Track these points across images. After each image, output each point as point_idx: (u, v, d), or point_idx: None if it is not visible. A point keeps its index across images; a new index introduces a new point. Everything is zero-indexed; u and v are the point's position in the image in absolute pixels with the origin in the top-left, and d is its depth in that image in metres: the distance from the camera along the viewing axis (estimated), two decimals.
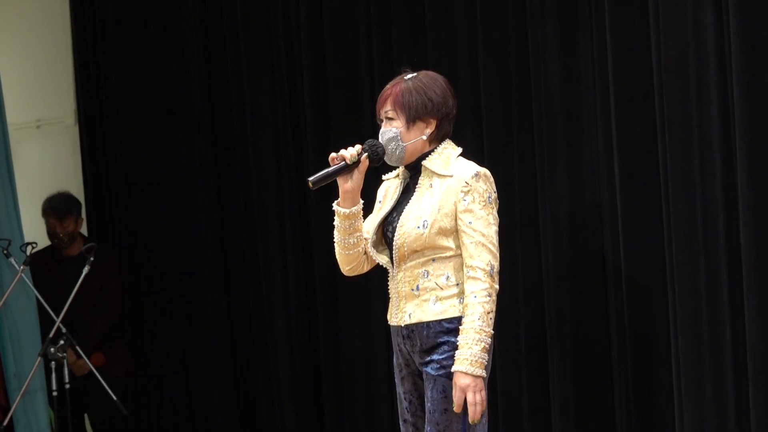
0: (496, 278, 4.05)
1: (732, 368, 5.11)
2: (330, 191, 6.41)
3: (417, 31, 6.16)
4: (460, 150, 4.20)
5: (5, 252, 6.25)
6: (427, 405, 4.10)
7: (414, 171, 4.20)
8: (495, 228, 4.07)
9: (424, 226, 4.07)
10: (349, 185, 4.10)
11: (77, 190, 7.65)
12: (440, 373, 4.06)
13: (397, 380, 4.27)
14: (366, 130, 6.26)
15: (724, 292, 5.11)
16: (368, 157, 4.11)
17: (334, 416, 6.67)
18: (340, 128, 6.48)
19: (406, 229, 4.10)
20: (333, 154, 4.08)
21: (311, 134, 6.63)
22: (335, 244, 4.19)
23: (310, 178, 4.05)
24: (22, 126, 7.67)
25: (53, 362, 6.33)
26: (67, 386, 6.39)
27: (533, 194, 5.73)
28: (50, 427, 6.48)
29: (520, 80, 5.77)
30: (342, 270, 4.29)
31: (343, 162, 4.07)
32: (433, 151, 4.17)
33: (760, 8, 4.99)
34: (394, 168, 4.27)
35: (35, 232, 6.93)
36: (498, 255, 4.06)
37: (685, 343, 5.20)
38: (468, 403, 3.98)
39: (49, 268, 6.89)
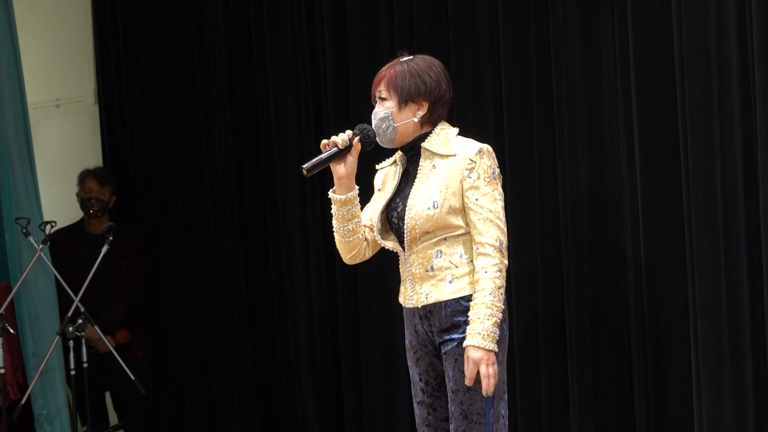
0: (506, 253, 4.10)
1: (751, 354, 5.08)
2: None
3: (438, 14, 6.13)
4: (457, 129, 4.24)
5: (24, 231, 6.26)
6: (449, 384, 4.13)
7: (411, 154, 4.23)
8: (501, 204, 4.13)
9: (434, 206, 4.09)
10: (343, 171, 4.13)
11: None
12: (461, 352, 4.09)
13: (411, 362, 4.29)
14: None
15: (744, 276, 5.08)
16: (360, 140, 4.15)
17: (353, 397, 6.68)
18: (361, 112, 6.45)
19: (416, 211, 4.12)
20: (324, 141, 4.12)
21: (333, 117, 6.61)
22: (335, 233, 4.22)
23: (304, 165, 4.09)
24: (42, 105, 7.68)
25: (71, 341, 6.34)
26: (85, 365, 6.41)
27: (553, 179, 5.71)
28: (68, 406, 6.50)
29: (541, 64, 5.75)
30: (343, 258, 4.31)
31: (335, 148, 4.10)
32: (430, 133, 4.20)
33: None
34: (390, 155, 4.30)
35: (54, 210, 6.94)
36: (505, 230, 4.11)
37: (704, 327, 5.17)
38: (481, 376, 4.02)
39: (73, 246, 6.91)
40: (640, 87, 5.39)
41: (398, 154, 4.30)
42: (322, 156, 4.11)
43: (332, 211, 4.19)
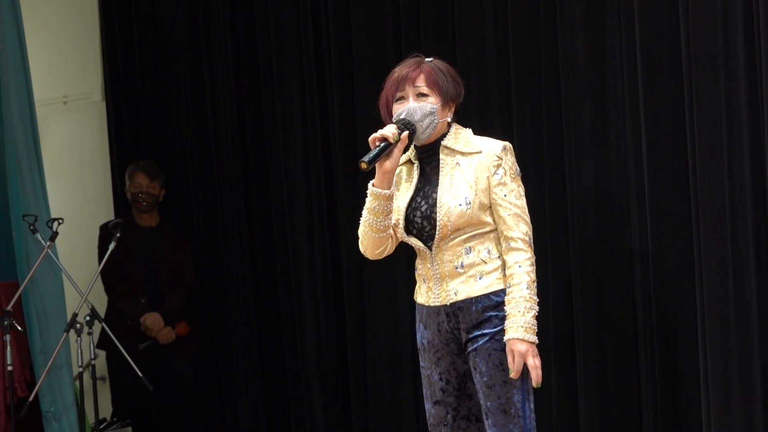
0: (533, 248, 4.14)
1: (759, 351, 5.09)
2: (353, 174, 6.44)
3: (444, 14, 6.14)
4: (470, 129, 4.25)
5: (32, 228, 6.27)
6: (483, 380, 4.12)
7: (429, 154, 4.22)
8: (524, 199, 4.16)
9: (466, 203, 4.10)
10: (389, 165, 4.09)
11: (104, 167, 7.67)
12: (495, 346, 4.10)
13: (427, 362, 4.27)
14: None
15: (752, 274, 5.08)
16: (408, 134, 4.10)
17: (360, 398, 6.69)
18: (365, 113, 6.47)
19: (449, 207, 4.12)
20: (373, 135, 4.06)
21: (338, 120, 6.63)
22: (367, 228, 4.17)
23: (364, 159, 4.01)
24: (49, 102, 7.68)
25: (79, 338, 6.36)
26: (93, 362, 6.42)
27: (560, 176, 5.71)
28: (76, 403, 6.50)
29: (548, 62, 5.75)
30: (370, 254, 4.26)
31: (386, 141, 4.06)
32: (447, 133, 4.21)
33: None
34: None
35: (62, 207, 6.95)
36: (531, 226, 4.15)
37: (712, 325, 5.18)
38: (530, 368, 4.04)
39: (124, 238, 6.92)
40: (647, 85, 5.39)
41: (411, 153, 4.28)
42: (377, 149, 4.04)
43: (371, 206, 4.12)
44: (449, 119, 4.21)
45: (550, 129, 5.74)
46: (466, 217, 4.11)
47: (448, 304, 4.17)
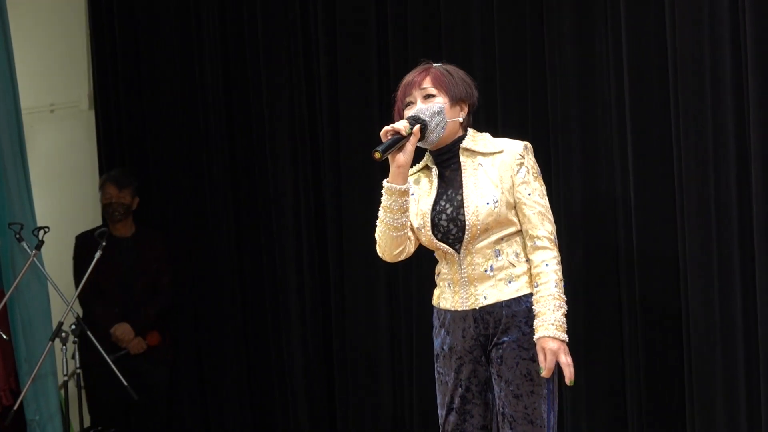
0: (558, 246, 4.13)
1: (744, 360, 5.10)
2: (341, 176, 6.44)
3: (431, 21, 6.15)
4: (488, 133, 4.24)
5: (17, 236, 6.25)
6: (508, 389, 4.10)
7: (448, 156, 4.20)
8: (547, 198, 4.17)
9: (494, 202, 4.09)
10: (403, 159, 4.05)
11: (91, 175, 7.65)
12: (523, 355, 4.08)
13: (446, 368, 4.22)
14: (374, 116, 6.28)
15: (737, 282, 5.10)
16: (420, 128, 4.07)
17: (345, 400, 6.71)
18: (350, 114, 6.50)
19: (477, 206, 4.09)
20: (386, 128, 4.04)
21: (326, 125, 6.64)
22: (384, 227, 4.13)
23: (378, 149, 3.99)
24: (36, 110, 7.67)
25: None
26: (78, 371, 6.40)
27: (547, 185, 5.69)
28: (61, 411, 6.48)
29: (535, 70, 5.76)
30: (388, 255, 4.21)
31: (398, 135, 4.03)
32: (464, 136, 4.20)
33: None
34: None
35: (48, 216, 6.93)
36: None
37: (697, 333, 5.19)
38: (562, 365, 4.03)
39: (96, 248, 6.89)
40: (634, 94, 5.41)
41: (428, 159, 4.26)
42: (389, 141, 4.02)
43: (386, 204, 4.09)
44: (461, 119, 4.18)
45: (536, 139, 5.73)
46: (494, 215, 4.08)
47: (477, 308, 4.14)
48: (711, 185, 5.13)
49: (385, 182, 4.09)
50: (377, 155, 4.00)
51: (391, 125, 4.05)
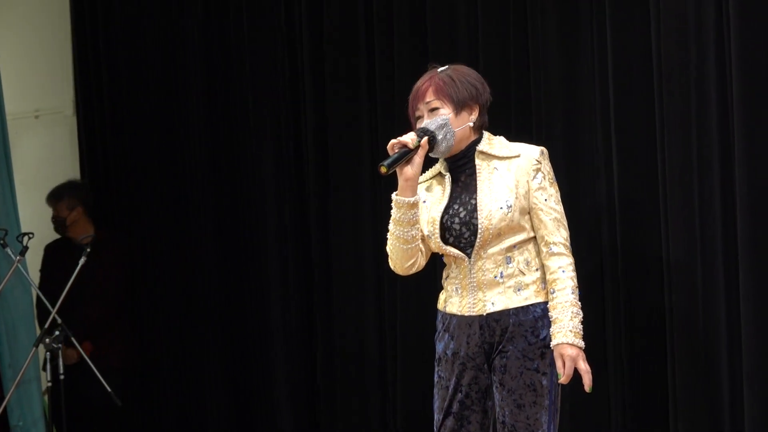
0: (572, 253, 4.12)
1: (727, 368, 5.11)
2: (329, 189, 6.44)
3: (417, 28, 6.15)
4: (502, 137, 4.23)
5: (2, 242, 6.24)
6: (510, 398, 4.08)
7: (464, 161, 4.18)
8: (561, 205, 4.15)
9: (508, 207, 4.07)
10: (411, 172, 4.04)
11: None
12: (527, 365, 4.07)
13: (447, 373, 4.20)
14: (363, 117, 6.28)
15: (721, 289, 5.11)
16: (428, 141, 4.05)
17: (329, 408, 6.69)
18: (337, 119, 6.49)
19: (490, 210, 4.07)
20: (392, 141, 4.03)
21: (311, 135, 6.63)
22: (394, 241, 4.12)
23: (384, 162, 3.98)
24: (21, 116, 7.65)
25: (48, 353, 6.31)
26: (62, 377, 6.38)
27: None
28: (44, 418, 6.47)
29: (520, 76, 5.76)
30: (400, 268, 4.20)
31: (405, 147, 4.02)
32: (480, 139, 4.18)
33: (761, 5, 4.97)
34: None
35: (32, 222, 6.92)
36: None
37: (681, 341, 5.20)
38: (581, 372, 4.03)
39: (59, 257, 6.87)
40: (619, 101, 5.41)
41: (441, 165, 4.24)
42: (396, 154, 4.00)
43: (396, 217, 4.08)
44: (471, 123, 4.15)
45: (520, 140, 5.75)
46: (507, 220, 4.06)
47: (484, 314, 4.12)
48: (695, 187, 5.14)
49: (394, 195, 4.09)
50: (383, 170, 3.99)
51: (398, 138, 4.03)
